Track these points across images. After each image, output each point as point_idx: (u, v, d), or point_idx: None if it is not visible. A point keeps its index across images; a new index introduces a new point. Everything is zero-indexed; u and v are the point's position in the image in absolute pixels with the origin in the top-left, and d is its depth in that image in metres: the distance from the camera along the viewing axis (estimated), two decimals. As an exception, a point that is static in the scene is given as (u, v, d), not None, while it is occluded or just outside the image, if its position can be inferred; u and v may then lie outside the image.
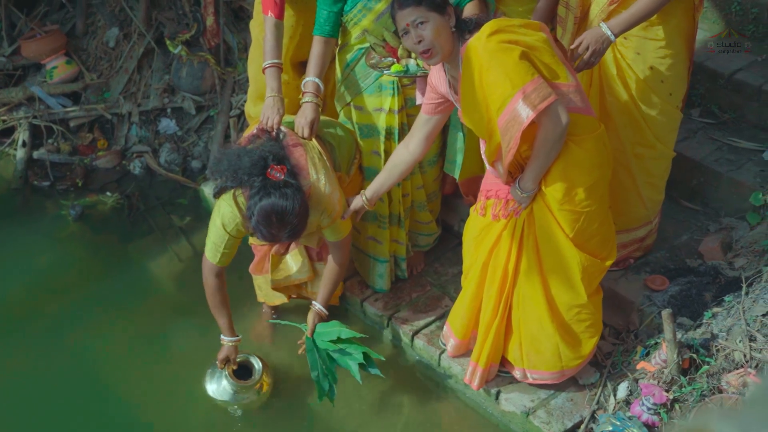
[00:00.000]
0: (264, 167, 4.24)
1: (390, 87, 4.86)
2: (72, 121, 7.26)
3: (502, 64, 3.82)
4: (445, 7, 3.99)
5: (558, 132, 3.88)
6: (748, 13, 5.95)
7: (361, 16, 4.74)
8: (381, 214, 5.20)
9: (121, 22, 7.43)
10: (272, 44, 4.81)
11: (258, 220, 4.21)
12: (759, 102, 5.56)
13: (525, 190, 4.12)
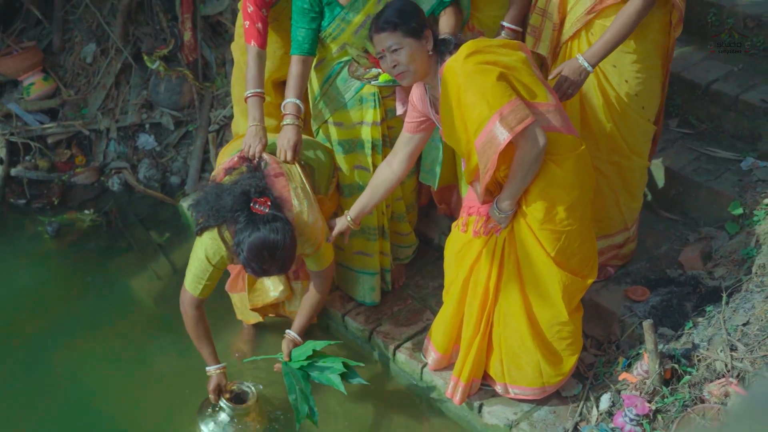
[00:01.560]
0: (246, 201, 4.24)
1: (371, 99, 4.87)
2: (50, 138, 7.22)
3: (480, 85, 3.84)
4: (421, 31, 4.02)
5: (535, 153, 3.90)
6: (724, 23, 5.98)
7: (339, 30, 4.74)
8: (369, 227, 5.19)
9: (98, 38, 7.41)
10: (254, 73, 4.81)
11: (248, 256, 4.19)
12: (736, 112, 5.58)
13: (503, 211, 4.12)
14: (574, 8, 4.52)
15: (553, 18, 4.60)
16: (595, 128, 4.66)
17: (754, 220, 5.02)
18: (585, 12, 4.47)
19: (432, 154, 5.09)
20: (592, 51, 4.34)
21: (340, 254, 5.35)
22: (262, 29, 4.84)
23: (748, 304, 4.48)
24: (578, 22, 4.50)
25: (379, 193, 4.63)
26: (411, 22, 4.01)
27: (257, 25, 4.82)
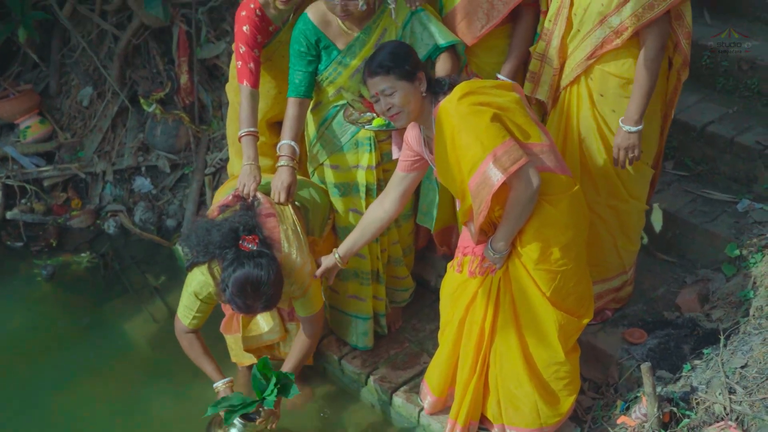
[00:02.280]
0: (235, 239, 4.26)
1: (367, 143, 4.88)
2: (46, 181, 7.22)
3: (473, 126, 3.86)
4: (414, 74, 4.06)
5: (529, 194, 3.91)
6: (719, 66, 6.02)
7: (336, 74, 4.77)
8: (363, 271, 5.18)
9: (95, 81, 7.43)
10: (248, 113, 4.84)
11: (233, 292, 4.19)
12: (731, 154, 5.60)
13: (497, 251, 4.12)
14: (574, 53, 4.55)
15: (554, 63, 4.63)
16: (594, 172, 4.67)
17: (751, 262, 5.02)
18: (585, 57, 4.50)
19: (429, 197, 5.10)
20: (629, 114, 4.41)
21: (333, 297, 5.35)
22: (254, 69, 4.88)
23: (746, 346, 4.47)
24: (578, 67, 4.53)
25: (369, 231, 4.64)
26: (404, 65, 4.05)
27: (249, 65, 4.87)
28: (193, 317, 4.60)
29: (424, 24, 4.73)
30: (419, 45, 4.70)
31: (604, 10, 4.37)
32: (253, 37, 4.89)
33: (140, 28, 7.25)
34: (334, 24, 4.72)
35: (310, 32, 4.73)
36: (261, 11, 4.93)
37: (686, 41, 4.42)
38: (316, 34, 4.74)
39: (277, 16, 4.99)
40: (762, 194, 5.48)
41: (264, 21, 4.94)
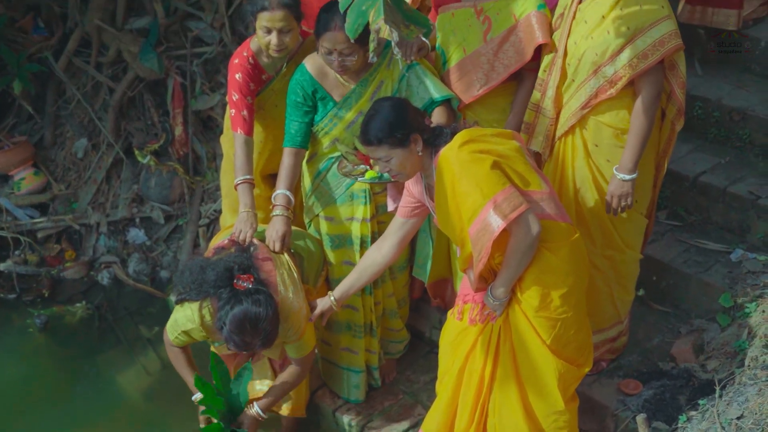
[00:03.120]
0: (230, 278, 4.26)
1: (362, 195, 4.89)
2: (39, 233, 7.22)
3: (474, 174, 3.88)
4: (408, 139, 4.09)
5: (529, 241, 3.91)
6: (710, 116, 6.05)
7: (332, 125, 4.81)
8: (355, 323, 5.17)
9: (89, 132, 7.46)
10: (243, 160, 4.87)
11: (231, 330, 4.17)
12: (724, 204, 5.62)
13: (497, 298, 4.11)
14: (568, 103, 4.57)
15: (549, 113, 4.65)
16: (590, 222, 4.68)
17: (746, 312, 5.01)
18: (579, 107, 4.52)
19: (425, 250, 5.11)
20: (623, 162, 4.44)
21: (326, 349, 5.33)
22: (248, 117, 4.92)
23: (741, 397, 4.44)
24: (573, 117, 4.55)
25: (365, 275, 4.64)
26: (395, 133, 4.07)
27: (243, 113, 4.91)
28: (177, 338, 4.60)
29: (420, 78, 4.77)
30: (415, 98, 4.74)
31: (598, 60, 4.40)
32: (245, 84, 4.94)
33: (135, 80, 7.29)
34: (331, 76, 4.76)
35: (307, 83, 4.77)
36: (254, 59, 4.99)
37: (680, 90, 4.46)
38: (313, 85, 4.78)
39: (269, 65, 5.03)
40: (755, 244, 5.49)
41: (257, 69, 5.00)
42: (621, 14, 4.34)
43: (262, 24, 4.79)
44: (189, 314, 4.43)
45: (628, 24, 4.31)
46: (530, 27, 4.68)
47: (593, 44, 4.41)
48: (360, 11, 3.44)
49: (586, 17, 4.46)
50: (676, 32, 4.31)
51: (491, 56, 4.77)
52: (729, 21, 6.25)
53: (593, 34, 4.42)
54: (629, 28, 4.31)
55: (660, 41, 4.29)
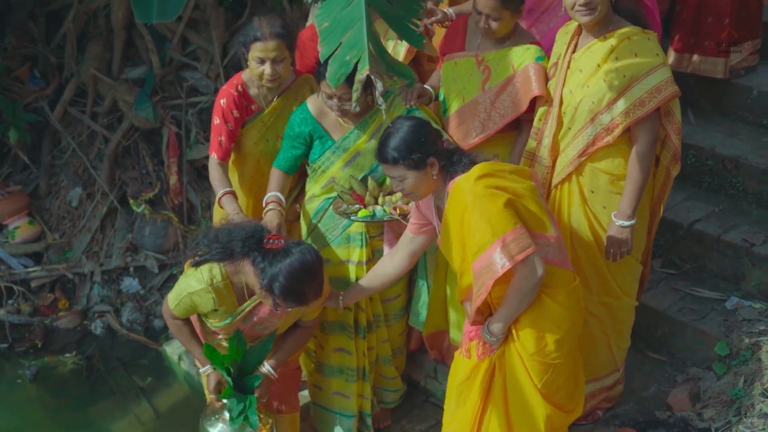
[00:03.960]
0: (259, 240, 4.21)
1: (358, 238, 4.90)
2: (33, 282, 7.19)
3: (486, 209, 3.88)
4: (424, 162, 4.08)
5: (532, 283, 3.92)
6: (704, 165, 6.07)
7: (329, 164, 4.86)
8: (349, 367, 5.13)
9: (84, 181, 7.47)
10: (220, 177, 4.94)
11: (287, 282, 4.10)
12: (719, 252, 5.62)
13: (493, 334, 4.11)
14: (565, 151, 4.58)
15: (546, 161, 4.66)
16: (587, 269, 4.67)
17: (742, 360, 5.00)
18: (576, 155, 4.53)
19: (422, 298, 5.11)
20: (621, 209, 4.46)
21: (317, 394, 5.29)
22: (225, 142, 4.97)
23: (738, 446, 4.43)
24: (570, 165, 4.56)
25: (375, 283, 4.67)
26: (412, 155, 4.06)
27: (220, 138, 4.97)
28: (178, 306, 4.45)
29: None
30: None
31: (595, 108, 4.43)
32: (228, 110, 4.99)
33: (130, 130, 7.32)
34: (331, 116, 4.83)
35: (307, 122, 4.85)
36: (242, 87, 5.04)
37: (676, 136, 4.49)
38: (313, 124, 4.84)
39: (259, 96, 5.07)
40: (750, 292, 5.48)
41: (244, 97, 5.05)
42: (616, 63, 4.37)
43: (255, 55, 4.85)
44: (199, 276, 4.33)
45: (624, 72, 4.35)
46: (527, 78, 4.72)
47: (589, 93, 4.44)
48: (343, 61, 3.47)
49: (581, 66, 4.49)
50: (671, 79, 4.34)
51: (488, 105, 4.81)
52: (716, 69, 6.31)
53: (589, 82, 4.45)
54: (625, 76, 4.34)
55: (656, 88, 4.32)
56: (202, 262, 4.35)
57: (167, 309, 4.53)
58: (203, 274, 4.31)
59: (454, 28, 5.10)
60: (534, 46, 4.79)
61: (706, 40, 6.30)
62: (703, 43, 6.31)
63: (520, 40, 4.84)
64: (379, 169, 4.82)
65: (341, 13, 3.52)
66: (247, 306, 4.40)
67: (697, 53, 6.34)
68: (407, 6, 3.63)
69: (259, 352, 4.52)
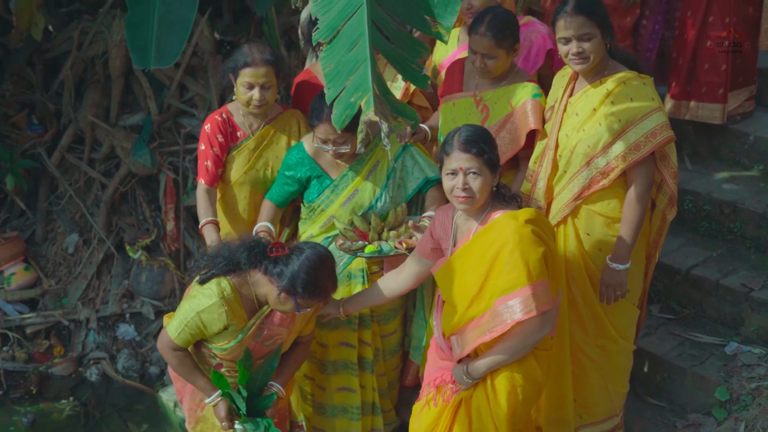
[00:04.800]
0: (262, 251, 4.23)
1: (359, 275, 4.92)
2: (28, 328, 7.14)
3: (528, 253, 3.88)
4: (498, 167, 4.06)
5: (536, 338, 3.97)
6: (701, 210, 6.09)
7: (328, 202, 4.91)
8: (352, 406, 5.13)
9: (81, 228, 7.45)
10: (206, 206, 5.04)
11: (308, 278, 4.13)
12: (717, 296, 5.63)
13: (471, 377, 4.09)
14: (560, 194, 4.60)
15: (540, 203, 4.68)
16: (583, 311, 4.67)
17: (742, 405, 4.98)
18: (572, 198, 4.55)
19: (419, 333, 5.11)
20: (617, 252, 4.48)
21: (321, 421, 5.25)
22: (211, 167, 5.07)
23: (740, 492, 4.40)
24: (566, 208, 4.58)
25: (378, 296, 4.62)
26: (493, 153, 4.05)
27: (206, 163, 5.07)
28: (187, 334, 4.35)
29: (415, 158, 4.94)
30: (410, 178, 4.92)
31: (590, 152, 4.45)
32: (213, 135, 5.10)
33: (127, 176, 7.32)
34: (327, 155, 4.87)
35: (304, 162, 4.93)
36: (227, 114, 5.16)
37: (672, 181, 4.51)
38: (310, 164, 4.91)
39: (245, 123, 5.16)
40: (750, 337, 5.48)
41: (228, 123, 5.14)
42: (612, 108, 4.41)
43: (244, 80, 4.95)
44: (208, 291, 4.27)
45: (619, 117, 4.38)
46: (525, 114, 4.77)
47: (585, 136, 4.47)
48: (348, 103, 3.49)
49: (577, 110, 4.52)
50: (667, 124, 4.37)
51: None
52: (714, 115, 6.36)
53: (585, 126, 4.48)
54: (621, 120, 4.37)
55: (651, 133, 4.35)
56: (208, 278, 4.31)
57: (166, 341, 4.45)
58: (212, 289, 4.27)
59: (452, 71, 5.17)
60: (531, 84, 4.86)
61: (703, 86, 6.35)
62: (700, 89, 6.37)
63: (517, 79, 4.91)
64: (377, 205, 4.85)
65: (346, 56, 3.55)
66: (257, 318, 4.37)
67: (694, 99, 6.39)
68: (411, 48, 3.66)
69: (266, 372, 4.51)
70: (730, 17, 6.26)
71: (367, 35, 3.52)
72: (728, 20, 6.27)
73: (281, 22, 7.34)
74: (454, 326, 4.13)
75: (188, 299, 4.37)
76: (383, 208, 4.89)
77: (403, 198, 4.97)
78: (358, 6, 3.58)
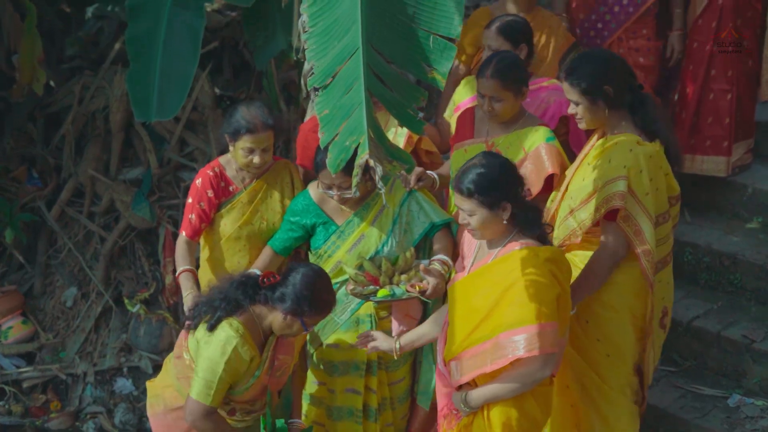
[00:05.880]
0: (254, 284, 4.26)
1: (368, 320, 4.91)
2: (25, 382, 7.10)
3: (541, 292, 3.85)
4: (498, 203, 3.96)
5: (537, 377, 3.92)
6: (701, 262, 6.09)
7: (334, 248, 4.91)
8: None
9: (79, 281, 7.44)
10: (184, 255, 5.06)
11: (313, 295, 4.21)
12: (718, 348, 5.61)
13: (469, 405, 4.05)
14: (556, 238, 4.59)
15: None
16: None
17: (746, 458, 4.94)
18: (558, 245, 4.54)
19: (427, 375, 5.06)
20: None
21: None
22: (195, 221, 5.08)
23: None
24: None
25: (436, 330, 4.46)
26: (489, 193, 3.95)
27: (190, 216, 5.08)
28: (220, 389, 4.22)
29: (420, 203, 4.93)
30: (416, 223, 4.91)
31: (572, 204, 4.48)
32: (203, 189, 5.08)
33: (126, 229, 7.33)
34: (333, 201, 4.89)
35: (309, 209, 4.95)
36: (219, 168, 5.15)
37: (646, 258, 4.36)
38: (315, 211, 4.93)
39: (237, 177, 5.15)
40: (752, 389, 5.45)
41: (221, 178, 5.13)
42: (591, 165, 4.43)
43: (245, 145, 4.94)
44: (225, 333, 4.20)
45: (593, 176, 4.38)
46: (539, 158, 4.81)
47: (573, 188, 4.50)
48: (343, 146, 3.50)
49: (590, 160, 4.53)
50: (622, 194, 4.27)
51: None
52: (719, 168, 6.37)
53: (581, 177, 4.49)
54: (595, 179, 4.36)
55: (608, 197, 4.31)
56: (216, 324, 4.25)
57: (199, 410, 4.26)
58: (227, 331, 4.22)
59: (463, 119, 5.22)
60: (543, 128, 4.90)
61: (707, 140, 6.37)
62: (704, 143, 6.38)
63: (528, 123, 4.97)
64: (383, 250, 4.84)
65: (341, 100, 3.57)
66: (268, 349, 4.36)
67: (699, 153, 6.40)
68: (408, 92, 3.68)
69: (284, 410, 4.60)
70: (732, 70, 6.30)
71: (362, 79, 3.54)
72: (730, 73, 6.30)
73: (281, 77, 7.42)
74: (455, 350, 4.08)
75: (205, 352, 4.25)
76: (389, 254, 4.88)
77: (410, 243, 4.96)
78: (354, 50, 3.61)
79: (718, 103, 6.34)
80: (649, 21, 6.38)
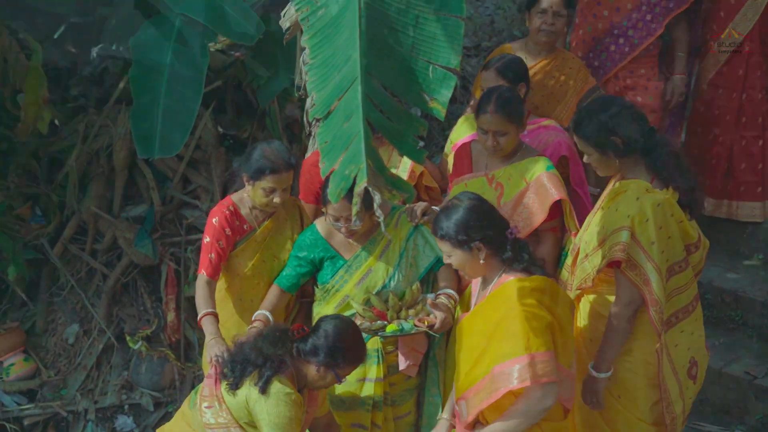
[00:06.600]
0: (284, 337, 4.25)
1: (374, 355, 4.90)
2: (26, 420, 7.07)
3: (528, 322, 3.86)
4: (470, 245, 4.03)
5: (539, 409, 3.90)
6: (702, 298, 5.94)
7: (342, 282, 4.91)
8: None
9: (81, 318, 7.44)
10: (205, 298, 4.94)
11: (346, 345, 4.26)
12: (721, 385, 5.61)
13: None
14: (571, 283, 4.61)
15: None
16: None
17: (750, 493, 4.91)
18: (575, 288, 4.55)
19: (430, 410, 5.06)
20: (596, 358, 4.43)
21: None
22: (215, 260, 5.00)
23: None
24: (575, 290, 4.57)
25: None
26: (458, 236, 4.03)
27: (210, 255, 5.00)
28: None
29: (426, 238, 4.95)
30: (422, 257, 4.94)
31: (587, 248, 4.47)
32: (221, 228, 5.03)
33: (129, 266, 7.34)
34: (340, 235, 4.91)
35: (317, 243, 4.95)
36: (234, 207, 5.11)
37: (653, 308, 4.32)
38: (323, 246, 4.94)
39: (250, 216, 5.14)
40: (754, 425, 5.44)
41: (236, 216, 5.10)
42: (602, 212, 4.44)
43: (267, 185, 4.89)
44: (281, 393, 4.16)
45: (603, 223, 4.38)
46: (542, 186, 4.83)
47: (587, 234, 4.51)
48: (343, 175, 3.53)
49: (604, 204, 4.54)
50: (623, 246, 4.26)
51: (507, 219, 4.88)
52: (754, 213, 6.39)
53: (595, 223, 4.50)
54: (604, 227, 4.36)
55: (611, 247, 4.31)
56: (266, 385, 4.20)
57: None
58: (282, 388, 4.19)
59: (460, 156, 5.24)
60: (542, 158, 4.95)
61: (741, 185, 6.39)
62: (738, 188, 6.39)
63: (527, 154, 5.01)
64: (390, 284, 4.85)
65: (341, 130, 3.60)
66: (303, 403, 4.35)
67: (734, 199, 6.41)
68: (407, 122, 3.71)
69: None
70: (762, 117, 6.34)
71: (360, 109, 3.57)
72: (761, 120, 6.34)
73: (283, 116, 7.46)
74: (460, 389, 4.12)
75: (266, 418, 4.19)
76: (396, 288, 4.90)
77: (416, 277, 4.98)
78: (353, 81, 3.64)
79: (750, 149, 6.36)
80: (647, 61, 6.42)
